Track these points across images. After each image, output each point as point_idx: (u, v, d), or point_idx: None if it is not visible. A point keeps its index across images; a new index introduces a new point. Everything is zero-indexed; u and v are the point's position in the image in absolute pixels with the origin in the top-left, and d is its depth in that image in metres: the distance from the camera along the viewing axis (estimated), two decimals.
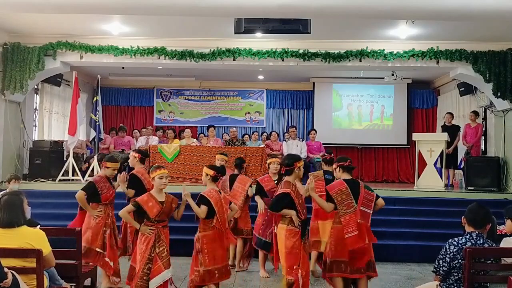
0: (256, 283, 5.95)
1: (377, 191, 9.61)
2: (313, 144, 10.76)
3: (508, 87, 9.04)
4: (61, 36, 9.38)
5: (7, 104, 9.44)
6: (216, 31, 8.88)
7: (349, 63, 9.46)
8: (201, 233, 4.65)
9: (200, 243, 4.61)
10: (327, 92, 13.45)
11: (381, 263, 7.09)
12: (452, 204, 8.28)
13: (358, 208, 4.43)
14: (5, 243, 3.45)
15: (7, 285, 3.12)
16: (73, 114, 9.64)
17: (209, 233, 4.62)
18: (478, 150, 10.06)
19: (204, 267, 4.55)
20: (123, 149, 10.88)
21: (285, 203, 4.52)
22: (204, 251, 4.58)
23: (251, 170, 9.76)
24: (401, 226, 8.02)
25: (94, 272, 4.81)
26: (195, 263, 4.63)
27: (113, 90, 13.82)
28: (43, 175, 9.52)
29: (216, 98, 13.91)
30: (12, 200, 3.55)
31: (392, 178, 13.29)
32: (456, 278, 3.48)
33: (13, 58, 9.33)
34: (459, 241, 3.52)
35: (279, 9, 6.51)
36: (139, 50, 9.39)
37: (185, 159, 9.67)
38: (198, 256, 4.60)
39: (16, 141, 9.76)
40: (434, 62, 9.37)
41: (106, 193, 5.41)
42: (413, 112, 13.48)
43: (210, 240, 4.61)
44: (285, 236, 4.52)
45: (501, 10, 6.46)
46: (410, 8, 6.63)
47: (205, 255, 4.57)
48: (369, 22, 8.26)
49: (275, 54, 9.40)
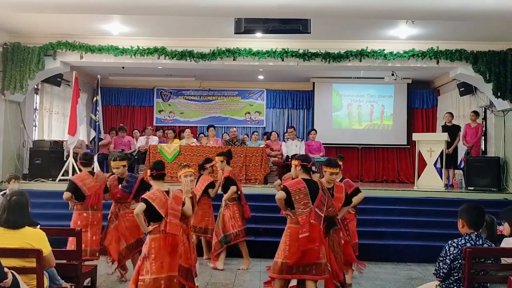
0: (256, 283, 5.95)
1: (377, 191, 9.74)
2: (313, 144, 10.77)
3: (508, 87, 9.04)
4: (61, 36, 9.39)
5: (7, 104, 9.45)
6: (216, 31, 8.89)
7: (349, 63, 9.46)
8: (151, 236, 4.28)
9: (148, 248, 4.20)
10: (327, 92, 13.45)
11: (381, 263, 7.12)
12: (452, 204, 8.27)
13: (313, 209, 4.34)
14: (5, 243, 3.44)
15: (7, 285, 3.12)
16: (73, 114, 9.64)
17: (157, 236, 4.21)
18: (478, 150, 10.06)
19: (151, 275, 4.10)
20: (123, 149, 10.89)
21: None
22: (152, 256, 4.14)
23: (251, 170, 9.77)
24: (401, 226, 8.02)
25: (94, 272, 4.81)
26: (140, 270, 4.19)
27: (113, 90, 13.82)
28: (43, 175, 9.52)
29: (216, 98, 13.91)
30: (21, 201, 3.55)
31: (392, 178, 13.29)
32: (456, 278, 3.48)
33: (13, 58, 9.33)
34: (458, 242, 3.51)
35: (279, 9, 6.51)
36: (139, 50, 9.39)
37: (185, 159, 9.66)
38: (145, 262, 4.17)
39: (16, 141, 9.77)
40: (434, 62, 9.37)
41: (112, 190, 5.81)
42: (413, 112, 13.48)
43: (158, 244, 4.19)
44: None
45: (501, 10, 6.46)
46: (410, 8, 6.63)
47: (152, 261, 4.12)
48: (369, 22, 8.26)
49: (275, 54, 9.41)
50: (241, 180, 9.63)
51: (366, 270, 6.61)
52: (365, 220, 7.83)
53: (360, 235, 6.25)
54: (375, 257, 7.17)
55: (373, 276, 6.42)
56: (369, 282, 6.11)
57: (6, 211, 3.48)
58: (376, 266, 6.95)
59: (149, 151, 9.95)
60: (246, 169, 9.77)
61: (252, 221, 7.12)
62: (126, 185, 5.82)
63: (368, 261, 6.91)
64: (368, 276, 6.36)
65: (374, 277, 6.37)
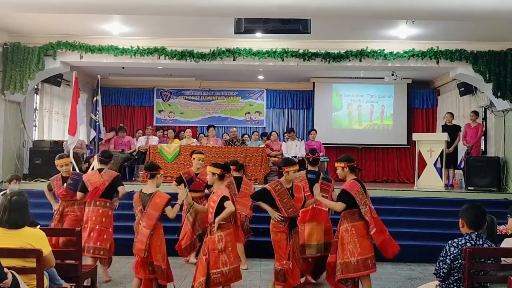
0: (256, 282, 5.96)
1: (377, 191, 9.75)
2: (313, 144, 10.76)
3: (508, 87, 9.03)
4: (61, 36, 9.38)
5: (7, 104, 9.44)
6: (216, 31, 8.88)
7: (349, 63, 9.46)
8: (225, 232, 4.62)
9: (224, 242, 4.58)
10: (327, 92, 13.45)
11: (381, 263, 7.07)
12: (452, 204, 8.26)
13: (371, 206, 4.79)
14: (5, 243, 3.44)
15: (7, 285, 3.12)
16: (73, 114, 9.62)
17: (231, 231, 4.67)
18: (478, 150, 10.06)
19: (230, 266, 4.56)
20: (123, 149, 10.88)
21: (263, 197, 4.86)
22: (229, 249, 4.58)
23: (251, 170, 9.77)
24: (401, 226, 8.00)
25: (94, 272, 4.80)
26: (215, 264, 4.55)
27: (113, 90, 13.82)
28: (43, 175, 9.50)
29: (216, 98, 13.91)
30: (22, 201, 3.55)
31: (392, 178, 13.29)
32: (456, 278, 3.48)
33: (13, 58, 9.33)
34: (458, 242, 3.51)
35: (279, 9, 6.51)
36: (139, 50, 9.39)
37: (185, 159, 9.66)
38: (221, 255, 4.55)
39: (16, 141, 9.76)
40: (434, 62, 9.36)
41: (57, 190, 5.94)
42: (413, 112, 13.48)
43: (233, 237, 4.69)
44: (271, 230, 4.86)
45: (501, 10, 6.46)
46: (410, 8, 6.63)
47: (229, 253, 4.57)
48: (369, 22, 8.25)
49: (275, 54, 9.40)
50: None
51: None
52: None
53: None
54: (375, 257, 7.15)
55: (373, 276, 6.36)
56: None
57: (6, 211, 3.48)
58: (376, 266, 6.93)
59: (149, 151, 9.95)
60: (246, 169, 9.76)
61: (252, 221, 7.11)
62: (71, 183, 5.87)
63: None
64: None
65: (374, 277, 6.33)
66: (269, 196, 4.81)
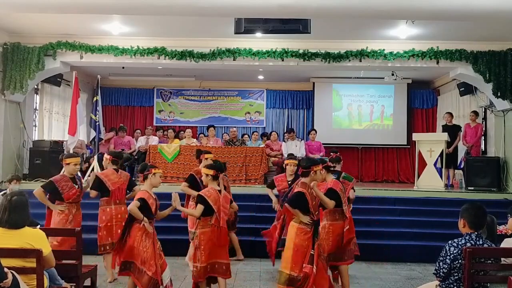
0: (256, 282, 5.96)
1: (377, 191, 9.74)
2: (313, 144, 10.78)
3: (508, 87, 9.03)
4: (61, 36, 9.38)
5: (7, 104, 9.44)
6: (216, 31, 8.88)
7: (349, 63, 9.46)
8: (200, 230, 4.72)
9: (198, 240, 4.69)
10: (327, 92, 13.45)
11: (381, 263, 7.11)
12: (452, 204, 8.26)
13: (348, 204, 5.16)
14: (5, 243, 3.44)
15: (7, 285, 3.12)
16: (73, 114, 9.63)
17: (206, 230, 4.70)
18: (478, 150, 10.06)
19: (201, 264, 4.65)
20: (123, 149, 10.88)
21: (301, 203, 4.50)
22: (201, 247, 4.66)
23: (251, 170, 9.78)
24: (401, 226, 8.02)
25: (94, 272, 4.81)
26: (194, 258, 4.78)
27: (113, 90, 13.81)
28: (43, 175, 9.47)
29: (216, 98, 13.91)
30: (22, 201, 3.55)
31: (392, 178, 13.28)
32: (456, 278, 3.48)
33: (13, 58, 9.33)
34: (458, 242, 3.51)
35: (279, 9, 6.51)
36: (139, 50, 9.39)
37: (185, 159, 9.67)
38: (196, 252, 4.71)
39: (16, 141, 9.76)
40: (434, 62, 9.36)
41: (68, 192, 5.53)
42: (413, 112, 13.47)
43: (207, 237, 4.69)
44: (295, 233, 4.51)
45: (501, 10, 6.46)
46: (410, 8, 6.63)
47: (202, 251, 4.66)
48: (369, 22, 8.25)
49: (275, 54, 9.40)
50: (241, 180, 9.67)
51: (366, 270, 6.64)
52: (365, 220, 7.84)
53: (360, 235, 6.25)
54: (375, 257, 7.17)
55: (373, 276, 6.42)
56: (369, 282, 6.11)
57: (7, 211, 3.48)
58: (376, 266, 6.95)
59: (149, 151, 9.95)
60: (246, 169, 9.78)
61: (252, 221, 7.12)
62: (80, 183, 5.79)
63: (368, 261, 6.95)
64: (368, 276, 6.37)
65: (374, 277, 6.37)
66: (304, 200, 4.51)
